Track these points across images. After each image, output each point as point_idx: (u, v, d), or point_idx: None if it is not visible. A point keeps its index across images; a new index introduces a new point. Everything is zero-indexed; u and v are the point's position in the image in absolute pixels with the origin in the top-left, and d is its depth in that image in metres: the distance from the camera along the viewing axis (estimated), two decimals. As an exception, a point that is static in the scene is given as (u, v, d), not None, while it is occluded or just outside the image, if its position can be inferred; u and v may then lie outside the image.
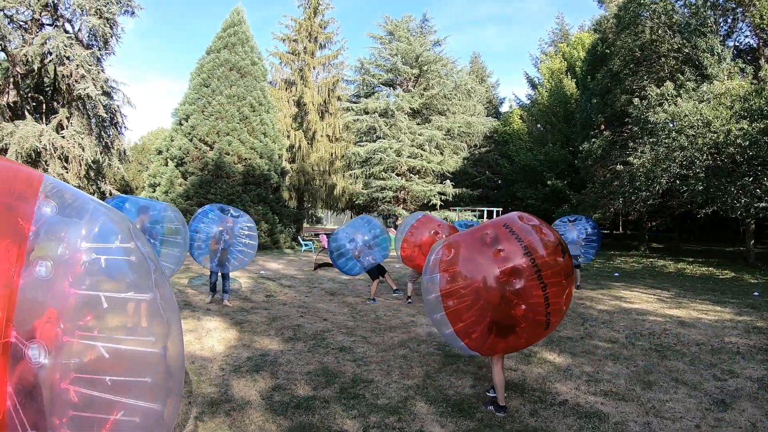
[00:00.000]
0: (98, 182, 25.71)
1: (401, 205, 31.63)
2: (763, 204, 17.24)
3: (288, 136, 30.95)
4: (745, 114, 17.41)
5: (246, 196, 22.94)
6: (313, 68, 33.93)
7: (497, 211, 29.14)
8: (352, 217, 51.86)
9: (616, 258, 22.39)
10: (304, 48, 33.53)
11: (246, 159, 23.39)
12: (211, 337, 7.42)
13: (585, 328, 8.44)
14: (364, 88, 34.35)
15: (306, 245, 24.33)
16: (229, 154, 22.99)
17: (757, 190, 17.19)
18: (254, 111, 24.11)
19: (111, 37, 24.63)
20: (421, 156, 30.39)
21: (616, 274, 16.68)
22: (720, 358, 6.80)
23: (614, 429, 4.53)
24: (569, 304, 4.74)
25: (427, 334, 8.01)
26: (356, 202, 33.93)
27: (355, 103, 32.65)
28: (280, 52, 33.88)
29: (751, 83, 18.39)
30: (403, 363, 6.42)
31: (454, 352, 6.86)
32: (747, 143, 16.89)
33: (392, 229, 30.77)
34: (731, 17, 21.98)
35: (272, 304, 10.14)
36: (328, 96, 33.78)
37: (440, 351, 7.01)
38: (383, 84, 32.93)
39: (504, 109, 47.26)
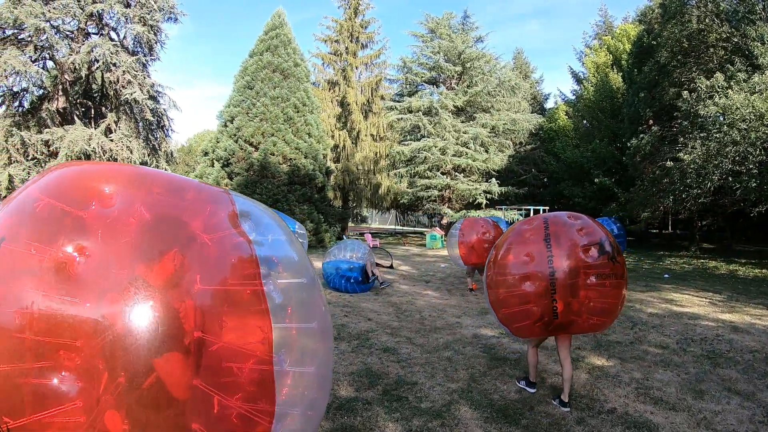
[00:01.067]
0: (146, 183, 26.48)
1: (446, 204, 31.34)
2: None
3: (332, 136, 31.22)
4: None
5: (291, 195, 23.23)
6: (356, 68, 34.25)
7: (543, 210, 28.70)
8: (397, 217, 51.71)
9: (665, 259, 21.76)
10: (346, 48, 33.88)
11: (291, 159, 23.70)
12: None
13: (635, 332, 8.24)
14: (408, 86, 34.27)
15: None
16: (273, 155, 23.33)
17: None
18: (298, 112, 24.41)
19: (155, 43, 25.50)
20: (466, 154, 30.07)
21: (666, 276, 16.19)
22: (775, 366, 6.53)
23: (665, 440, 4.37)
24: (614, 303, 4.79)
25: (472, 335, 7.97)
26: (402, 201, 33.81)
27: (398, 102, 32.56)
28: (322, 53, 34.25)
29: None
30: (447, 365, 6.40)
31: (500, 355, 6.82)
32: None
33: (437, 228, 30.67)
34: None
35: (317, 304, 10.20)
36: (372, 95, 34.07)
37: (486, 353, 6.96)
38: (426, 82, 32.71)
39: (549, 105, 46.70)
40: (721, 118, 18.05)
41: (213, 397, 1.75)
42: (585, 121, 33.67)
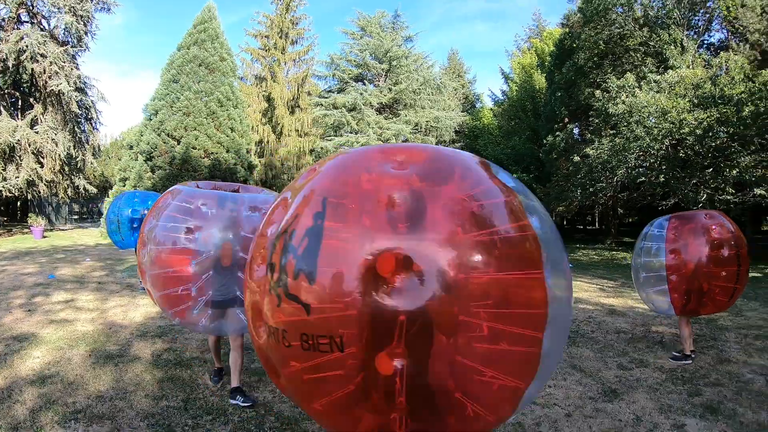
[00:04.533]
0: (72, 177, 26.10)
1: None
2: (727, 197, 17.54)
3: (257, 131, 31.31)
4: (699, 102, 17.72)
5: (212, 190, 22.97)
6: (284, 64, 34.36)
7: None
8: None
9: (578, 251, 22.52)
10: (275, 44, 34.02)
11: (212, 153, 23.52)
12: (136, 311, 7.86)
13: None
14: (335, 83, 33.82)
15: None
16: (195, 149, 23.13)
17: (721, 182, 17.62)
18: (222, 106, 24.27)
19: (85, 34, 25.12)
20: None
21: (570, 266, 16.85)
22: (636, 347, 6.71)
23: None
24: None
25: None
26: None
27: (324, 98, 32.36)
28: (251, 48, 34.27)
29: (707, 71, 18.73)
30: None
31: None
32: (701, 132, 17.18)
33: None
34: (702, 10, 22.53)
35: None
36: (298, 91, 34.23)
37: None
38: (353, 79, 32.53)
39: (480, 104, 47.62)
40: (630, 117, 18.95)
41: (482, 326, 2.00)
42: (513, 122, 34.58)
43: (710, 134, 17.19)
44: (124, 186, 23.04)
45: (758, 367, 5.91)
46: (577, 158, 21.50)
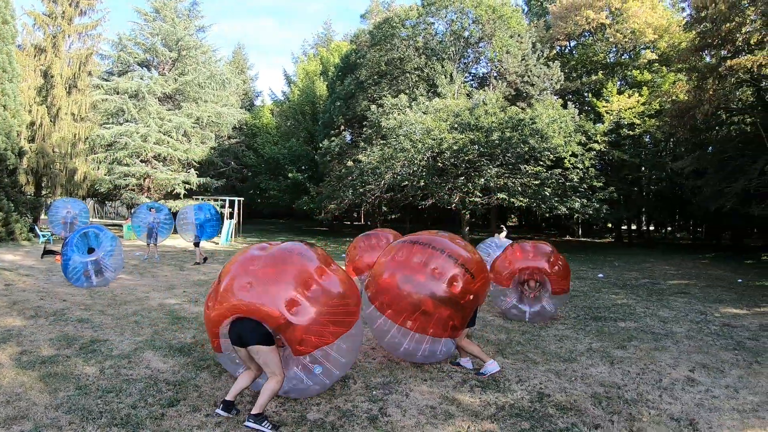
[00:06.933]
0: None
1: (145, 194, 29.72)
2: (476, 199, 22.07)
3: (30, 111, 27.95)
4: (456, 126, 21.85)
5: (-22, 179, 20.18)
6: (68, 36, 31.04)
7: (239, 201, 28.99)
8: (95, 206, 46.73)
9: (345, 244, 24.90)
10: (63, 12, 30.42)
11: (-19, 136, 20.55)
12: (-43, 323, 7.57)
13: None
14: (119, 65, 31.68)
15: (44, 236, 21.54)
16: (-39, 128, 20.00)
17: (471, 188, 21.87)
18: (-4, 78, 21.08)
19: None
20: (168, 143, 29.14)
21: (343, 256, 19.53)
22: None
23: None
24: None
25: (158, 304, 9.35)
26: (99, 190, 30.83)
27: (106, 80, 30.16)
28: (36, 13, 30.27)
29: (468, 101, 23.25)
30: (135, 326, 7.63)
31: (181, 315, 8.42)
32: (457, 149, 21.28)
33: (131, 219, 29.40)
34: (472, 50, 27.36)
35: (12, 292, 10.17)
36: (79, 70, 31.12)
37: (168, 316, 8.37)
38: (139, 64, 31.20)
39: (260, 102, 48.96)
40: (399, 131, 22.29)
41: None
42: (289, 122, 36.53)
43: (464, 151, 21.42)
44: None
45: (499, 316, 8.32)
46: (350, 162, 24.41)
